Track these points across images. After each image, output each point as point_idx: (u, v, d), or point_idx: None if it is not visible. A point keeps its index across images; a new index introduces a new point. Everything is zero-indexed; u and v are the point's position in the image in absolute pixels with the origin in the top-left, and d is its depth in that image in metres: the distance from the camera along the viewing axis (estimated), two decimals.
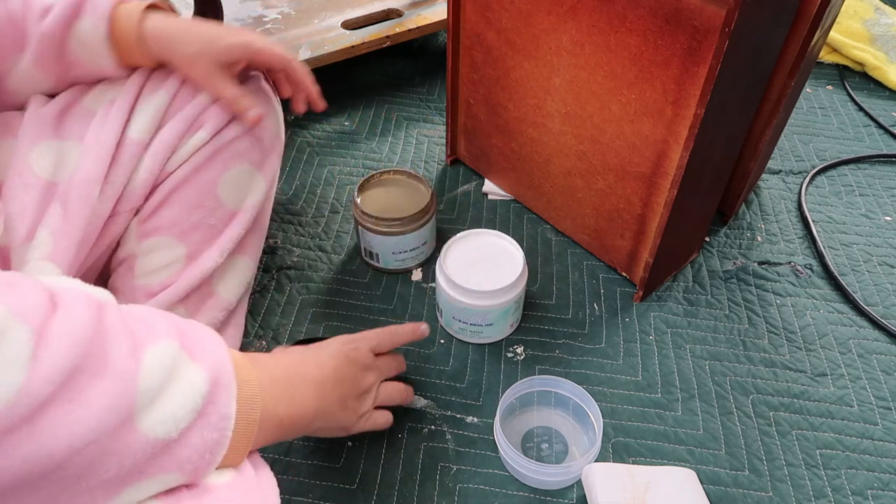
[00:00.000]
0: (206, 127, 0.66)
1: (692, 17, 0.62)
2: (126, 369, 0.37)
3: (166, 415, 0.39)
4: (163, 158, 0.65)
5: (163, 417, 0.38)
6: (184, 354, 0.41)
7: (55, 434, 0.34)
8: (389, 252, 0.85)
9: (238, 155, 0.68)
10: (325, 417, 0.57)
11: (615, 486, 0.63)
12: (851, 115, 1.18)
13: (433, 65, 1.25)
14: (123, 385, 0.37)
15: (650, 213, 0.78)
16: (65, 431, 0.34)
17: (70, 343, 0.35)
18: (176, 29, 0.63)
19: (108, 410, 0.36)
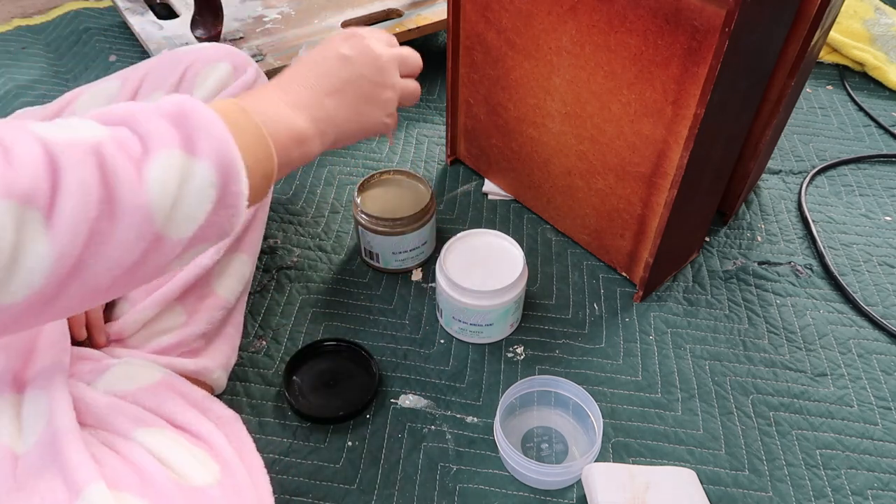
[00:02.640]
0: None
1: (692, 17, 0.62)
2: (135, 199, 0.39)
3: (187, 217, 0.42)
4: None
5: (184, 220, 0.42)
6: (185, 157, 0.41)
7: (96, 274, 0.40)
8: (389, 252, 0.85)
9: None
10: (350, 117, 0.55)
11: (615, 486, 0.63)
12: (851, 115, 1.18)
13: (433, 65, 1.25)
14: (138, 213, 0.40)
15: (650, 213, 0.78)
16: (106, 267, 0.40)
17: (80, 203, 0.37)
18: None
19: (134, 240, 0.40)
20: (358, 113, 0.55)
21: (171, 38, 1.04)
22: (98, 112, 0.42)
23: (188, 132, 0.42)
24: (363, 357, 0.77)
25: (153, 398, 0.51)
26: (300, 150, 0.51)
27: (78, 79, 1.18)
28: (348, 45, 0.55)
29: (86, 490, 0.41)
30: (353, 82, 0.54)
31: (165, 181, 0.40)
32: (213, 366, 0.68)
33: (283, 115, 0.50)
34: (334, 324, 0.82)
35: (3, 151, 0.36)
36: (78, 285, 0.39)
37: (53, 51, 1.24)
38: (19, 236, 0.36)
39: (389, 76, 0.57)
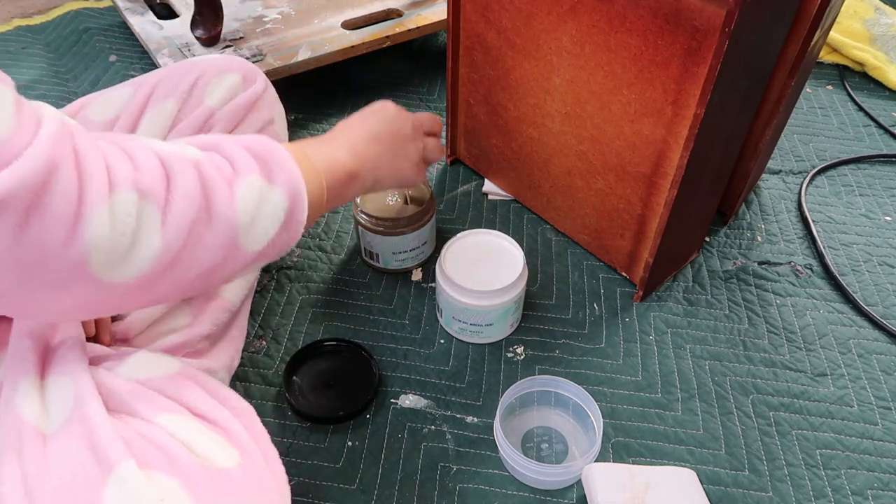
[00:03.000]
0: (213, 132, 0.69)
1: (692, 17, 0.62)
2: (226, 211, 0.47)
3: (260, 233, 0.49)
4: None
5: (258, 236, 0.49)
6: (265, 183, 0.50)
7: (187, 269, 0.46)
8: (389, 252, 0.85)
9: None
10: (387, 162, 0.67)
11: (615, 486, 0.63)
12: (851, 115, 1.18)
13: (433, 65, 1.25)
14: (227, 224, 0.47)
15: (650, 213, 0.78)
16: (193, 265, 0.46)
17: (186, 206, 0.45)
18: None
19: (220, 245, 0.47)
20: (394, 158, 0.67)
21: (171, 38, 1.04)
22: (189, 139, 0.50)
23: (267, 164, 0.51)
24: (363, 357, 0.77)
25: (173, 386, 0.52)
26: (350, 187, 0.61)
27: (78, 79, 1.18)
28: (382, 108, 0.69)
29: (118, 467, 0.42)
30: (389, 135, 0.67)
31: (248, 200, 0.48)
32: (216, 367, 0.68)
33: (339, 156, 0.61)
34: (334, 324, 0.82)
35: (129, 156, 0.43)
36: (170, 277, 0.45)
37: (53, 51, 1.24)
38: (140, 224, 0.42)
39: (417, 132, 0.71)
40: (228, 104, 0.71)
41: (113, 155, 0.42)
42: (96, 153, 0.41)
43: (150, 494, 0.41)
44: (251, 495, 0.46)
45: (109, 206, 0.41)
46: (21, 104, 0.40)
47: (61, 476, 0.42)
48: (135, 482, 0.42)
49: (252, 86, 0.73)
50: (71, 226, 0.39)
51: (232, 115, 0.71)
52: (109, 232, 0.41)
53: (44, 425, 0.45)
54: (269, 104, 0.75)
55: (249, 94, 0.72)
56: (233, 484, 0.45)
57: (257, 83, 0.74)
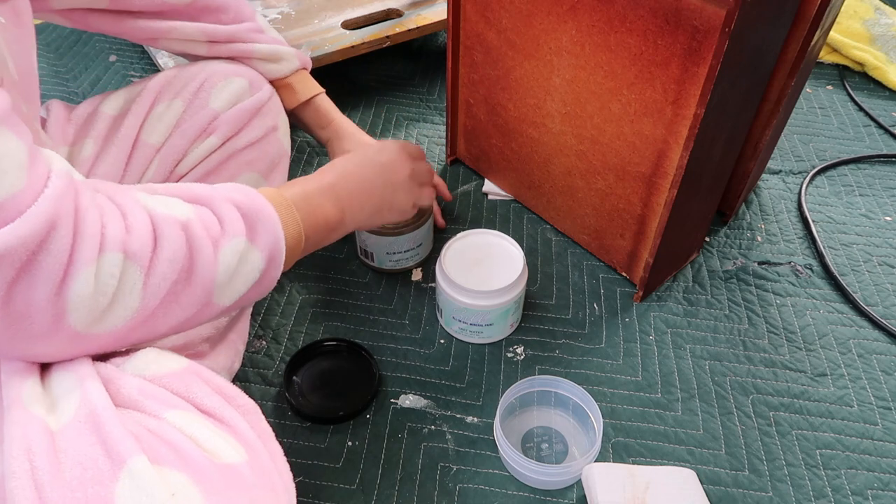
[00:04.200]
0: (217, 133, 0.71)
1: (692, 17, 0.62)
2: (208, 273, 0.49)
3: (234, 291, 0.52)
4: (172, 161, 0.71)
5: (231, 294, 0.52)
6: (248, 245, 0.51)
7: (160, 324, 0.48)
8: (384, 252, 0.84)
9: (246, 164, 0.74)
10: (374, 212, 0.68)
11: (615, 486, 0.64)
12: (851, 115, 1.18)
13: (433, 65, 1.25)
14: (205, 286, 0.49)
15: (650, 213, 0.78)
16: (165, 322, 0.49)
17: (169, 270, 0.46)
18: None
19: (195, 304, 0.49)
20: (381, 209, 0.69)
21: None
22: (180, 188, 0.52)
23: (254, 225, 0.52)
24: (363, 357, 0.77)
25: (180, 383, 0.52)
26: (330, 236, 0.63)
27: (78, 79, 1.18)
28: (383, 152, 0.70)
29: (129, 462, 0.42)
30: (383, 187, 0.68)
31: (230, 263, 0.50)
32: (216, 369, 0.68)
33: (325, 208, 0.62)
34: (334, 324, 0.82)
35: (122, 215, 0.45)
36: (142, 331, 0.48)
37: (53, 51, 1.24)
38: (121, 285, 0.44)
39: (409, 184, 0.71)
40: (233, 108, 0.72)
41: (108, 213, 0.44)
42: (94, 212, 0.43)
43: (161, 489, 0.42)
44: (259, 491, 0.46)
45: (96, 266, 0.43)
46: (35, 158, 0.41)
47: (72, 470, 0.42)
48: (146, 476, 0.42)
49: (258, 92, 0.74)
50: (59, 283, 0.41)
51: (236, 120, 0.72)
52: (92, 291, 0.43)
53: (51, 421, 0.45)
54: (273, 111, 0.76)
55: (255, 99, 0.73)
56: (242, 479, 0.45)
57: (263, 90, 0.75)
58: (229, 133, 0.72)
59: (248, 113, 0.73)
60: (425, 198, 0.75)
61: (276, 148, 0.77)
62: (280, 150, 0.78)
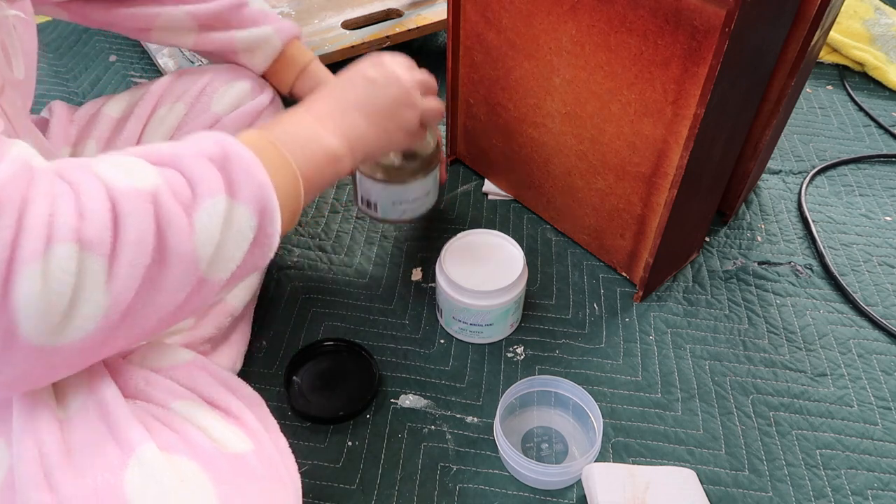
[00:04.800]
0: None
1: (692, 17, 0.62)
2: (184, 247, 0.41)
3: (227, 259, 0.44)
4: None
5: (224, 263, 0.44)
6: (230, 202, 0.44)
7: (145, 317, 0.42)
8: (389, 202, 0.77)
9: None
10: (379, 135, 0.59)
11: (615, 486, 0.63)
12: (851, 115, 1.18)
13: (433, 65, 1.25)
14: (185, 261, 0.42)
15: (650, 213, 0.78)
16: (153, 314, 0.42)
17: (137, 254, 0.39)
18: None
19: (181, 286, 0.42)
20: (385, 130, 0.59)
21: None
22: (145, 150, 0.44)
23: (231, 176, 0.44)
24: (363, 357, 0.77)
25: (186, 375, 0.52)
26: (333, 169, 0.54)
27: (78, 79, 1.18)
28: (373, 68, 0.59)
29: (138, 449, 0.43)
30: (379, 102, 0.58)
31: (210, 228, 0.42)
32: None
33: (317, 136, 0.53)
34: (334, 324, 0.82)
35: (75, 198, 0.38)
36: (126, 329, 0.41)
37: (53, 51, 1.24)
38: (80, 280, 0.37)
39: (412, 96, 0.61)
40: (234, 112, 0.72)
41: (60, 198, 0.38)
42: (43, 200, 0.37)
43: (170, 475, 0.42)
44: (267, 482, 0.46)
45: (43, 263, 0.36)
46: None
47: (81, 457, 0.42)
48: (156, 463, 0.42)
49: (259, 96, 0.74)
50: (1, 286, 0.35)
51: (237, 123, 0.72)
52: (41, 292, 0.36)
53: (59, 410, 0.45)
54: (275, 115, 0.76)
55: (256, 103, 0.73)
56: (250, 469, 0.46)
57: (265, 94, 0.75)
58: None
59: (249, 116, 0.73)
60: (433, 110, 0.64)
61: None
62: None
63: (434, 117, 0.65)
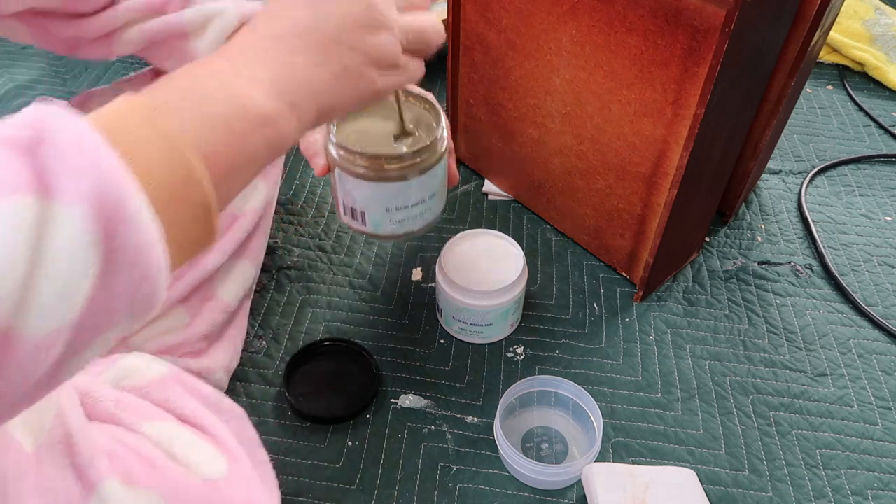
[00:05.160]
0: None
1: (692, 17, 0.62)
2: None
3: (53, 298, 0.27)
4: None
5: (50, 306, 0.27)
6: (41, 205, 0.27)
7: None
8: (381, 208, 0.55)
9: None
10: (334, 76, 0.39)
11: (615, 486, 0.63)
12: (851, 115, 1.18)
13: (433, 65, 1.25)
14: None
15: (650, 213, 0.78)
16: None
17: None
18: None
19: None
20: (344, 69, 0.39)
21: None
22: None
23: (45, 165, 0.27)
24: (363, 357, 0.77)
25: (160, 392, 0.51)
26: (264, 135, 0.36)
27: (77, 78, 1.18)
28: None
29: (99, 485, 0.42)
30: (329, 27, 0.38)
31: (6, 247, 0.26)
32: (214, 367, 0.68)
33: (227, 87, 0.35)
34: (334, 324, 0.82)
35: None
36: None
37: None
38: None
39: (380, 10, 0.40)
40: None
41: None
42: None
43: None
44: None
45: None
46: None
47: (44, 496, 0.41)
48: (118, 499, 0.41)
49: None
50: None
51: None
52: None
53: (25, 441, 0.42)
54: None
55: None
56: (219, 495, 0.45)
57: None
58: None
59: None
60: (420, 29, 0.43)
61: None
62: None
63: (423, 40, 0.44)
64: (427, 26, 0.43)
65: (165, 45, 0.62)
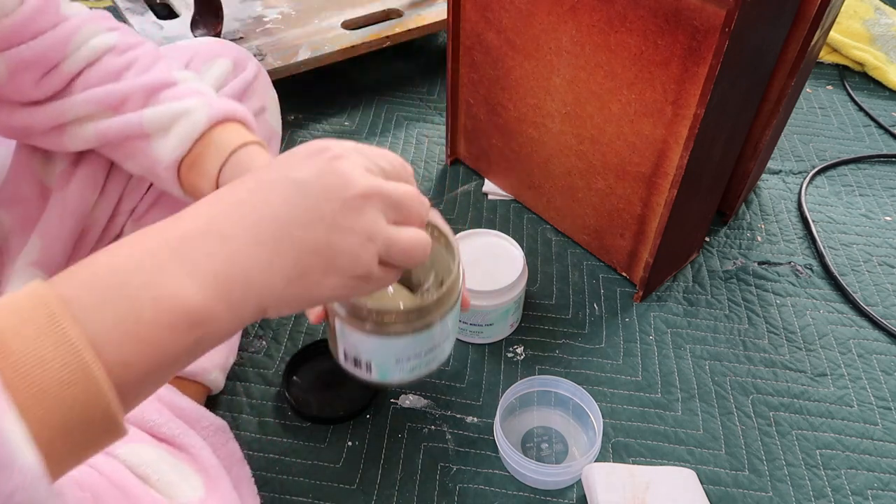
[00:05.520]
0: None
1: (692, 17, 0.62)
2: None
3: None
4: None
5: None
6: None
7: None
8: (391, 359, 0.47)
9: None
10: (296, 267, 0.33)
11: (615, 486, 0.63)
12: (851, 115, 1.18)
13: (433, 65, 1.25)
14: None
15: (650, 213, 0.78)
16: None
17: None
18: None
19: None
20: (301, 275, 0.33)
21: (171, 39, 1.04)
22: None
23: None
24: None
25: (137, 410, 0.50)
26: (194, 336, 0.31)
27: None
28: (310, 164, 0.35)
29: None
30: (301, 224, 0.33)
31: None
32: (210, 366, 0.68)
33: (159, 293, 0.30)
34: None
35: None
36: None
37: None
38: None
39: (361, 218, 0.34)
40: (219, 93, 0.66)
41: None
42: None
43: None
44: None
45: None
46: None
47: None
48: None
49: (243, 72, 0.69)
50: None
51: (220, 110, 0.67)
52: None
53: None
54: (260, 92, 0.70)
55: (240, 81, 0.68)
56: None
57: (248, 69, 0.69)
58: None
59: (233, 97, 0.67)
60: (405, 242, 0.36)
61: (264, 130, 0.70)
62: (269, 132, 0.72)
63: (406, 259, 0.36)
64: (416, 246, 0.36)
65: (124, 146, 0.56)
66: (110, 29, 0.56)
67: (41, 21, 0.51)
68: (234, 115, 0.54)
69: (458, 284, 0.46)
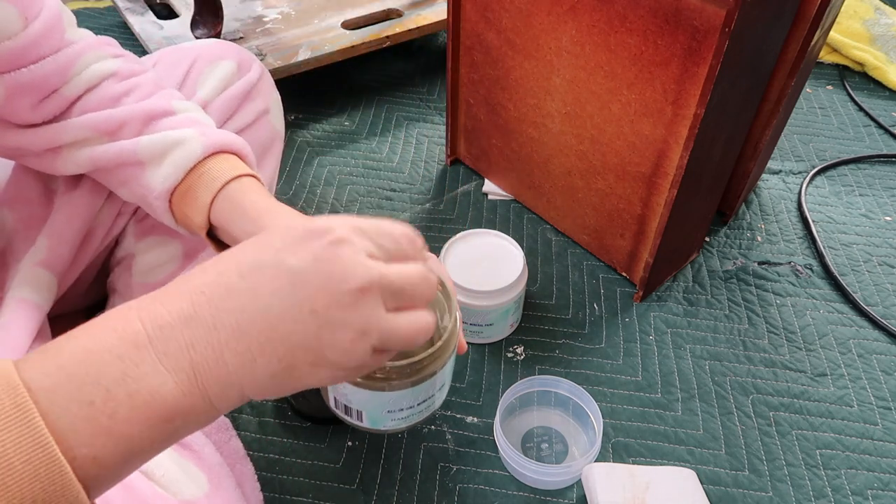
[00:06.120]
0: None
1: (692, 17, 0.62)
2: None
3: None
4: None
5: None
6: None
7: None
8: (382, 410, 0.48)
9: None
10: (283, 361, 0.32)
11: (615, 486, 0.63)
12: (851, 115, 1.18)
13: (433, 65, 1.25)
14: None
15: (650, 213, 0.78)
16: None
17: None
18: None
19: None
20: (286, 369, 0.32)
21: (171, 38, 1.04)
22: None
23: None
24: None
25: None
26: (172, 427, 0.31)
27: None
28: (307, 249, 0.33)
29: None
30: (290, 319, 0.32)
31: None
32: None
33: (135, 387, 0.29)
34: None
35: None
36: None
37: None
38: None
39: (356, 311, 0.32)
40: (221, 96, 0.67)
41: None
42: None
43: None
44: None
45: None
46: None
47: None
48: None
49: (247, 74, 0.69)
50: None
51: (225, 107, 0.67)
52: None
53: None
54: (264, 93, 0.71)
55: (244, 82, 0.68)
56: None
57: (252, 71, 0.69)
58: (219, 122, 0.66)
59: (237, 99, 0.67)
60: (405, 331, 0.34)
61: (267, 132, 0.71)
62: (272, 134, 0.72)
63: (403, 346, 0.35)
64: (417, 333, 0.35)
65: (117, 173, 0.55)
66: (114, 56, 0.56)
67: (44, 46, 0.50)
68: (230, 146, 0.54)
69: (454, 335, 0.45)
